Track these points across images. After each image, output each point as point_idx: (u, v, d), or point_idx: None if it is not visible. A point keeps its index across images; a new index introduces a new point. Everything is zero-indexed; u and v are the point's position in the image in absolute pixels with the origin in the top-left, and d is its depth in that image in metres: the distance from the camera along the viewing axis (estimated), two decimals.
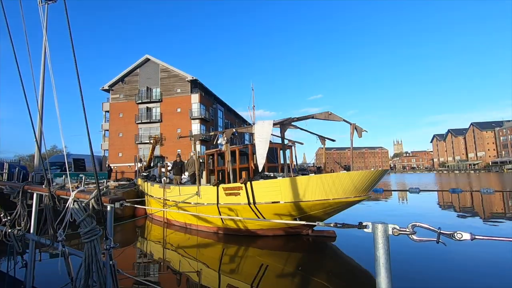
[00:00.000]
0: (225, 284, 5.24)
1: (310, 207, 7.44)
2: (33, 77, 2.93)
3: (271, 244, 7.87)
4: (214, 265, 6.46)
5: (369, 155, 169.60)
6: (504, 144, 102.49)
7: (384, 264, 1.34)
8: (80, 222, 2.34)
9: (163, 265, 6.56)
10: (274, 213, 7.86)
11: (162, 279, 5.68)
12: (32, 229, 3.18)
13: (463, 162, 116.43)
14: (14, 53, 2.77)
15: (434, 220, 10.41)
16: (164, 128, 40.57)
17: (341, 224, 1.62)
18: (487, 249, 6.56)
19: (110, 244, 2.34)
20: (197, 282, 5.40)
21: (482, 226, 9.28)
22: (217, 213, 8.76)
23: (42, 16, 2.86)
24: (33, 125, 2.84)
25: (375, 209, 14.01)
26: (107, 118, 44.08)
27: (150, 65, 43.04)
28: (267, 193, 7.78)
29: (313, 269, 5.91)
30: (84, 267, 2.23)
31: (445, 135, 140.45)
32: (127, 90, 43.05)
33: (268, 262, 6.54)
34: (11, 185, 3.55)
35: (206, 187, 9.28)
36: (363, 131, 7.59)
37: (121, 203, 2.44)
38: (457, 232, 1.26)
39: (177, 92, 41.36)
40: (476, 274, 5.31)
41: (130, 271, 5.89)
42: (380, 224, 1.37)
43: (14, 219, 3.39)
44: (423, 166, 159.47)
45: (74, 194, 2.54)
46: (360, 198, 7.29)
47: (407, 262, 5.81)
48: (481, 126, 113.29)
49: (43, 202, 3.04)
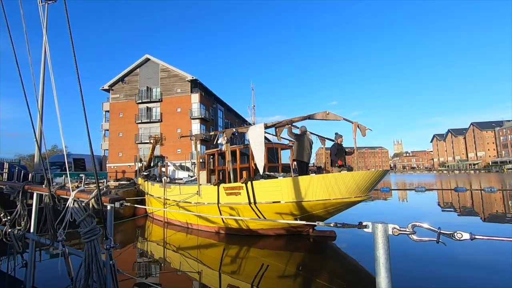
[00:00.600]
0: (226, 284, 5.24)
1: (312, 207, 7.43)
2: (33, 77, 2.93)
3: (272, 244, 7.87)
4: (214, 265, 6.46)
5: (369, 155, 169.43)
6: (504, 144, 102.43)
7: (384, 264, 1.34)
8: (80, 222, 2.34)
9: (163, 265, 6.56)
10: (275, 213, 7.86)
11: (163, 279, 5.68)
12: (32, 229, 3.18)
13: (463, 162, 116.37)
14: (14, 54, 2.77)
15: (435, 220, 10.41)
16: (164, 128, 40.56)
17: (341, 224, 1.62)
18: (487, 249, 6.56)
19: (110, 244, 2.34)
20: (197, 282, 5.40)
21: (483, 226, 9.28)
22: (218, 213, 8.77)
23: (42, 16, 2.86)
24: (33, 125, 2.83)
25: (375, 209, 14.01)
26: (107, 118, 44.07)
27: (150, 65, 43.03)
28: (268, 193, 7.79)
29: (314, 269, 5.92)
30: (84, 267, 2.23)
31: (445, 135, 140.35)
32: (127, 90, 43.04)
33: (269, 262, 6.54)
34: (11, 185, 3.55)
35: (206, 187, 9.28)
36: (367, 129, 7.43)
37: (121, 202, 2.44)
38: (457, 232, 1.26)
39: (177, 92, 41.34)
40: (476, 274, 5.31)
41: (130, 271, 5.89)
42: (380, 224, 1.37)
43: (14, 219, 3.39)
44: (423, 166, 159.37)
45: (74, 194, 2.54)
46: (362, 198, 7.30)
47: (407, 262, 5.81)
48: (481, 126, 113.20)
49: (43, 202, 3.04)
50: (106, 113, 44.06)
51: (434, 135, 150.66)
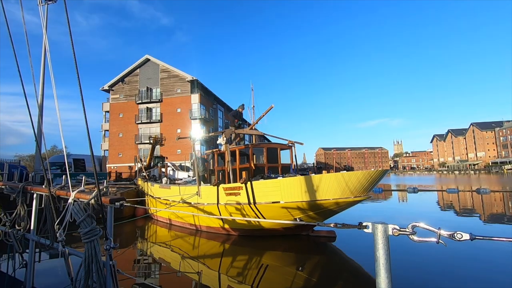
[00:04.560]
0: (225, 284, 5.24)
1: (312, 206, 7.43)
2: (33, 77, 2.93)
3: (271, 244, 7.86)
4: (214, 266, 6.46)
5: (369, 155, 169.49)
6: (504, 144, 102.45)
7: (384, 265, 1.34)
8: (80, 222, 2.34)
9: (163, 265, 6.56)
10: (275, 213, 7.86)
11: (162, 279, 5.68)
12: (32, 229, 3.18)
13: (463, 162, 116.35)
14: (14, 54, 2.78)
15: (435, 219, 10.40)
16: (164, 128, 40.57)
17: (341, 224, 1.61)
18: (487, 249, 6.56)
19: (110, 244, 2.33)
20: (197, 282, 5.40)
21: (482, 226, 9.27)
22: (217, 213, 8.76)
23: (42, 16, 2.86)
24: (33, 125, 2.83)
25: (374, 209, 14.01)
26: (107, 118, 44.08)
27: (150, 65, 43.06)
28: (267, 193, 7.78)
29: (313, 269, 5.92)
30: (84, 267, 2.23)
31: (445, 135, 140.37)
32: (127, 90, 43.05)
33: (268, 262, 6.53)
34: (11, 185, 3.55)
35: (206, 187, 9.27)
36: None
37: (121, 203, 2.43)
38: (457, 232, 1.26)
39: (177, 92, 41.37)
40: (476, 274, 5.31)
41: (130, 271, 5.89)
42: (380, 225, 1.37)
43: (14, 219, 3.38)
44: (423, 166, 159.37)
45: (74, 194, 2.54)
46: (361, 198, 7.30)
47: (407, 262, 5.80)
48: (481, 126, 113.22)
49: (43, 202, 3.04)
50: (106, 113, 44.07)
51: (434, 135, 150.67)
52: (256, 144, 10.17)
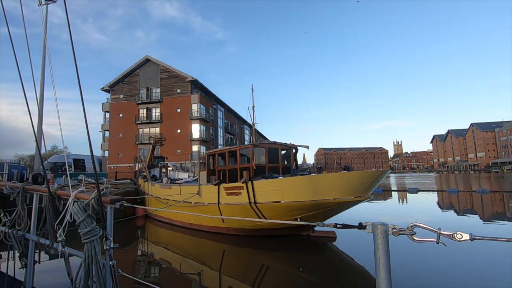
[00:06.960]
0: (226, 285, 5.24)
1: (312, 206, 7.43)
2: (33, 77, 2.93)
3: (272, 244, 7.86)
4: (214, 265, 6.45)
5: (369, 155, 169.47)
6: (504, 144, 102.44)
7: (384, 265, 1.34)
8: (80, 222, 2.34)
9: (163, 265, 6.55)
10: (275, 212, 7.86)
11: (163, 279, 5.68)
12: (32, 229, 3.17)
13: (463, 163, 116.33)
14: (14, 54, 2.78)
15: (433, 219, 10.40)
16: (164, 129, 40.54)
17: (341, 224, 1.61)
18: (487, 249, 6.55)
19: (110, 244, 2.33)
20: (197, 282, 5.40)
21: (482, 226, 9.27)
22: (218, 213, 8.76)
23: (42, 16, 2.87)
24: (33, 125, 2.83)
25: (374, 209, 14.00)
26: (107, 118, 44.07)
27: (150, 66, 43.06)
28: (268, 193, 7.78)
29: (314, 270, 5.91)
30: (84, 268, 2.22)
31: (445, 136, 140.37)
32: (127, 91, 43.05)
33: (269, 262, 6.53)
34: (11, 185, 3.55)
35: (207, 187, 9.27)
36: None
37: (121, 203, 2.43)
38: (457, 232, 1.26)
39: (177, 93, 41.35)
40: (475, 274, 5.30)
41: (130, 271, 5.88)
42: (380, 225, 1.37)
43: (14, 219, 3.38)
44: (423, 167, 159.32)
45: (74, 194, 2.54)
46: (362, 199, 7.29)
47: (407, 262, 5.80)
48: (481, 127, 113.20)
49: (43, 202, 3.04)
50: (106, 113, 44.07)
51: (434, 136, 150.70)
52: (257, 144, 10.17)
